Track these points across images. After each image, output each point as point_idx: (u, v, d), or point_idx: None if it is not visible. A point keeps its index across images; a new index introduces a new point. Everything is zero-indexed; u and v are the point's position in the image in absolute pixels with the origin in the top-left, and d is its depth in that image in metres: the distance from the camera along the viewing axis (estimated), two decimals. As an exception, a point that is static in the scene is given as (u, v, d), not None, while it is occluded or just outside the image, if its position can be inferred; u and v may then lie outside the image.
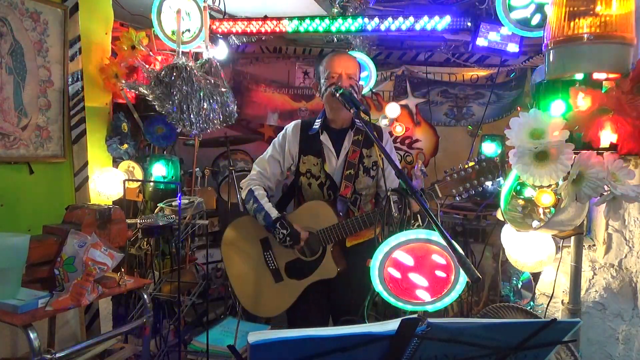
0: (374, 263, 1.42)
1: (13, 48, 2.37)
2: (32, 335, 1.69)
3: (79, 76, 2.68)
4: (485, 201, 3.18)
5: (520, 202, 1.77)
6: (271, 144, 2.19)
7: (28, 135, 2.46)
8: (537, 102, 1.73)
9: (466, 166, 1.69)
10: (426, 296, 1.41)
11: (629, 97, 1.49)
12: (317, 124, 2.12)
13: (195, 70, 2.69)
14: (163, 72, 2.63)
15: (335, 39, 3.62)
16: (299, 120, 2.20)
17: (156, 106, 2.67)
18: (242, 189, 2.18)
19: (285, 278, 2.09)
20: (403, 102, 4.10)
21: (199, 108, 2.64)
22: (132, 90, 2.78)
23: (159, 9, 2.80)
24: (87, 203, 2.61)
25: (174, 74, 2.60)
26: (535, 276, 2.24)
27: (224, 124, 2.92)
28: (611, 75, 1.58)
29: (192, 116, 2.63)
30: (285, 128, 2.19)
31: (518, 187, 1.77)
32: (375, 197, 2.22)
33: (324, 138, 2.10)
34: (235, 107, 2.92)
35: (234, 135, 3.58)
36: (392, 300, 1.42)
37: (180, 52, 2.77)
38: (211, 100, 2.70)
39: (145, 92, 2.66)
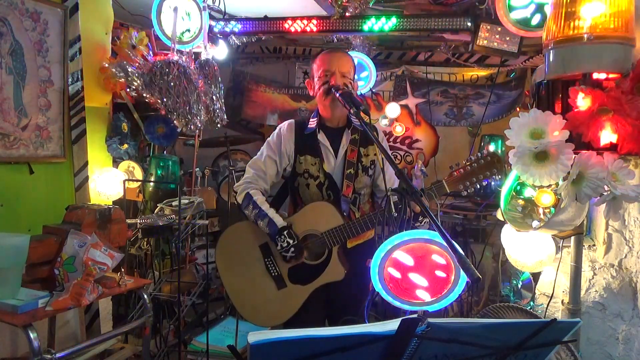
0: (374, 263, 1.41)
1: (13, 48, 2.37)
2: (32, 335, 1.69)
3: (79, 76, 2.67)
4: (485, 201, 3.18)
5: (520, 202, 1.78)
6: (265, 145, 2.13)
7: (28, 135, 2.46)
8: (537, 102, 1.74)
9: (471, 160, 1.73)
10: (426, 296, 1.41)
11: (629, 97, 1.49)
12: (313, 123, 2.08)
13: (190, 69, 2.68)
14: (154, 65, 2.62)
15: (335, 39, 3.62)
16: (293, 120, 2.15)
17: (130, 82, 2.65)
18: (236, 192, 2.10)
19: (289, 284, 2.01)
20: (403, 102, 4.09)
21: (189, 100, 2.63)
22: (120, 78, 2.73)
23: (159, 9, 2.80)
24: (87, 203, 2.61)
25: (165, 68, 2.60)
26: (535, 276, 2.24)
27: (218, 126, 2.94)
28: (611, 75, 1.58)
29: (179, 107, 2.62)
30: (278, 127, 2.14)
31: (518, 187, 1.77)
32: (371, 196, 2.20)
33: (321, 137, 2.06)
34: (224, 114, 2.96)
35: (234, 135, 3.58)
36: (392, 301, 1.42)
37: (176, 49, 2.76)
38: (203, 98, 2.69)
39: (133, 74, 2.61)
